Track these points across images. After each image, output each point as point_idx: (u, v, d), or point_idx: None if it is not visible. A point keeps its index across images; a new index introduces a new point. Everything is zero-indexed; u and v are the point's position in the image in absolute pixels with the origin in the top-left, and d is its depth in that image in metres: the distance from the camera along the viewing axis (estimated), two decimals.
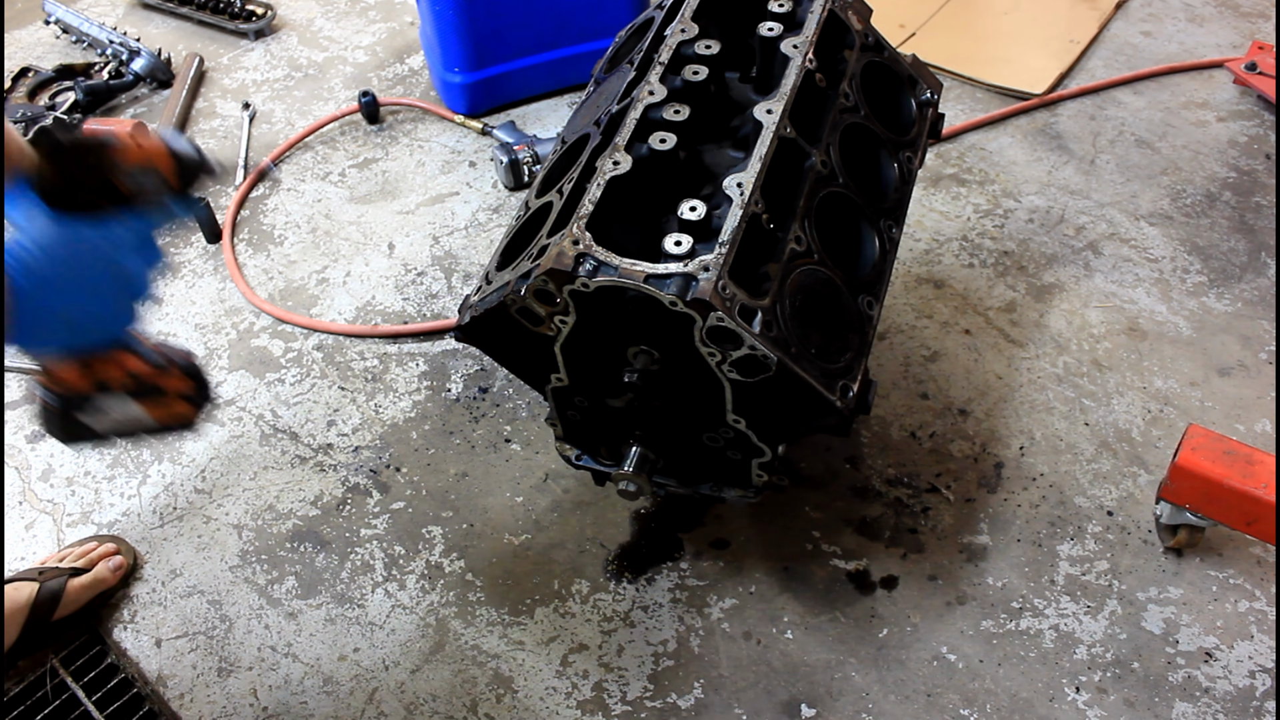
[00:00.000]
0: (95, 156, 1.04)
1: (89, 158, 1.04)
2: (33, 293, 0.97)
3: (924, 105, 1.73)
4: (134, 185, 1.06)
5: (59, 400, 1.10)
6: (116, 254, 1.03)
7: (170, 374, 1.15)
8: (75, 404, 1.10)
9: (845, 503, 1.81)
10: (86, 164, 1.03)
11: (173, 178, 1.09)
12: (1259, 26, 2.82)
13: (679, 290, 1.24)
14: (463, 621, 1.68)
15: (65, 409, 1.10)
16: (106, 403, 1.12)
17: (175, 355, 1.17)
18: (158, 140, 1.08)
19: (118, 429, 1.15)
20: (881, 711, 1.55)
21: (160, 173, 1.07)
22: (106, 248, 1.03)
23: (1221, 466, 1.55)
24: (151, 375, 1.13)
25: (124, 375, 1.11)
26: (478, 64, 2.59)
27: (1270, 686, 1.56)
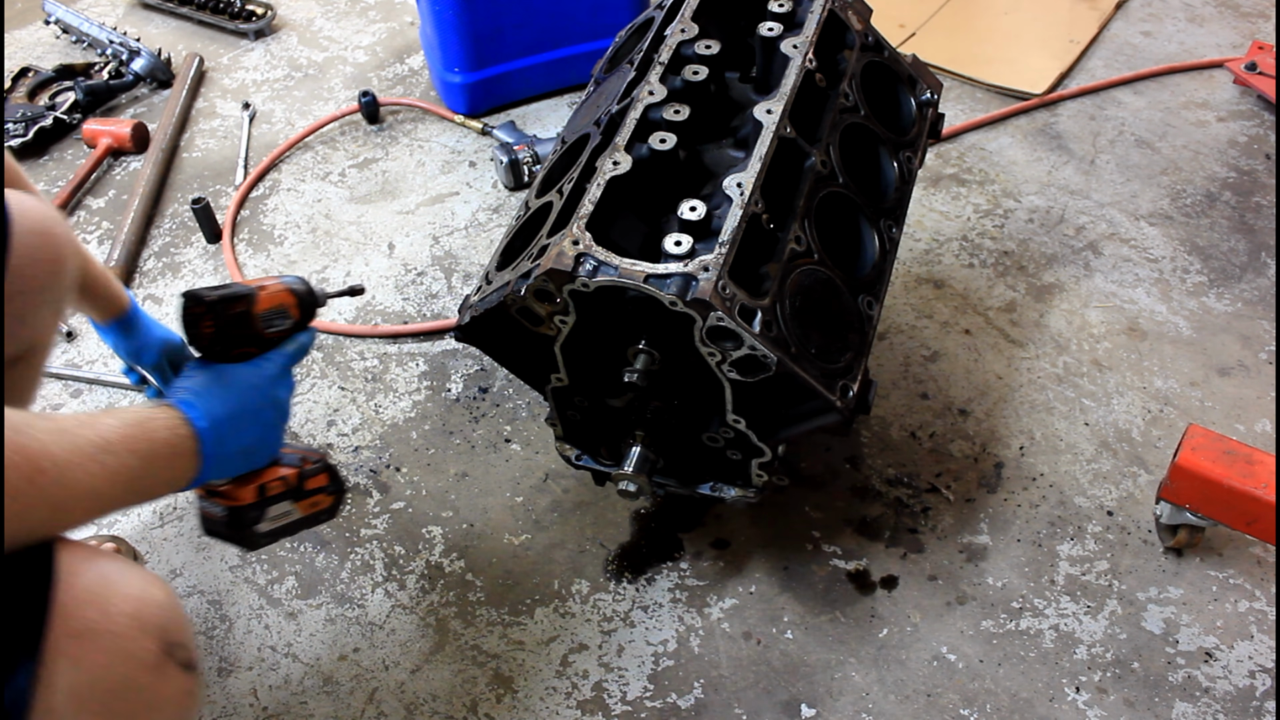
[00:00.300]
0: (238, 309, 1.23)
1: (234, 310, 1.22)
2: (218, 437, 1.14)
3: (924, 105, 1.73)
4: (269, 328, 1.25)
5: (232, 514, 1.26)
6: (272, 389, 1.24)
7: (315, 475, 1.32)
8: (245, 515, 1.27)
9: (845, 503, 1.81)
10: (233, 317, 1.22)
11: (295, 311, 1.28)
12: (1259, 26, 2.82)
13: (679, 290, 1.24)
14: (463, 621, 1.68)
15: (238, 521, 1.26)
16: (270, 510, 1.29)
17: (312, 456, 1.33)
18: (279, 283, 1.27)
19: (278, 530, 1.31)
20: (881, 711, 1.55)
21: (288, 310, 1.27)
22: (265, 386, 1.23)
23: (1221, 466, 1.55)
24: (299, 479, 1.30)
25: (280, 484, 1.28)
26: (478, 64, 2.59)
27: (1270, 686, 1.56)
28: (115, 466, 1.02)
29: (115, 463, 1.02)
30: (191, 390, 1.17)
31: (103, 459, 1.00)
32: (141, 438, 1.06)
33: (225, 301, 1.21)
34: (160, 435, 1.08)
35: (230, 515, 1.26)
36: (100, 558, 1.05)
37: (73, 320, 2.21)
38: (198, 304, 1.20)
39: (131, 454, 1.04)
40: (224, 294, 1.21)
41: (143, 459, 1.05)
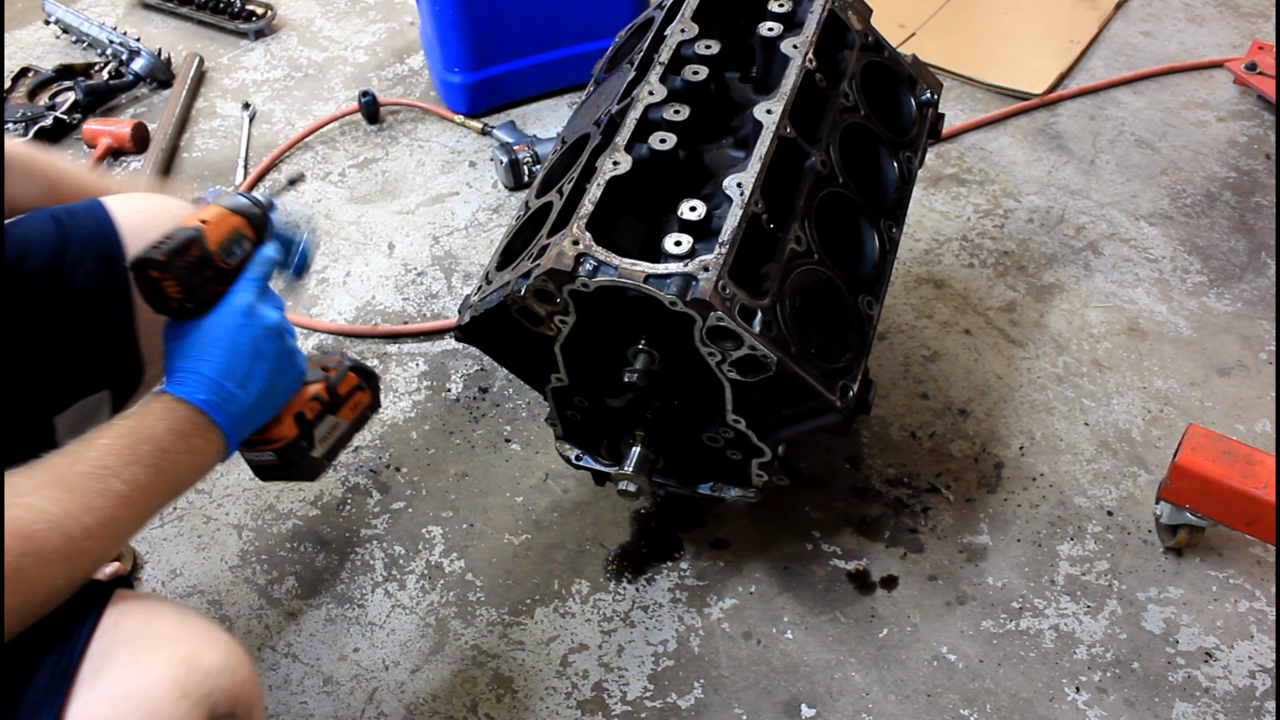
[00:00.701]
0: (193, 254, 1.11)
1: (190, 258, 1.11)
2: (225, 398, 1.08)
3: (924, 105, 1.73)
4: (230, 258, 1.15)
5: (282, 454, 1.20)
6: (257, 319, 1.13)
7: (342, 379, 1.25)
8: (296, 449, 1.20)
9: (845, 503, 1.81)
10: (192, 264, 1.11)
11: (249, 231, 1.18)
12: (1259, 26, 2.82)
13: (679, 290, 1.24)
14: (463, 621, 1.68)
15: (292, 458, 1.20)
16: (317, 432, 1.22)
17: (331, 361, 1.26)
18: (219, 209, 1.17)
19: (334, 447, 1.25)
20: (881, 711, 1.55)
21: (241, 232, 1.17)
22: (246, 320, 1.12)
23: (1221, 466, 1.55)
24: (329, 391, 1.23)
25: (314, 403, 1.21)
26: (478, 64, 2.59)
27: (1270, 686, 1.56)
28: (121, 488, 0.98)
29: (120, 485, 0.98)
30: (175, 365, 1.09)
31: (105, 487, 0.97)
32: (141, 443, 1.02)
33: (178, 253, 1.09)
34: (159, 430, 1.03)
35: (281, 456, 1.20)
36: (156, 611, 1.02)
37: None
38: (152, 267, 1.09)
39: (136, 465, 1.00)
40: (172, 246, 1.09)
41: (151, 465, 1.01)
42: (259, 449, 1.19)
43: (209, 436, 1.07)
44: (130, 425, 1.03)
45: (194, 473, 1.07)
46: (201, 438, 1.07)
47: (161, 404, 1.06)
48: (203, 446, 1.07)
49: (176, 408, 1.06)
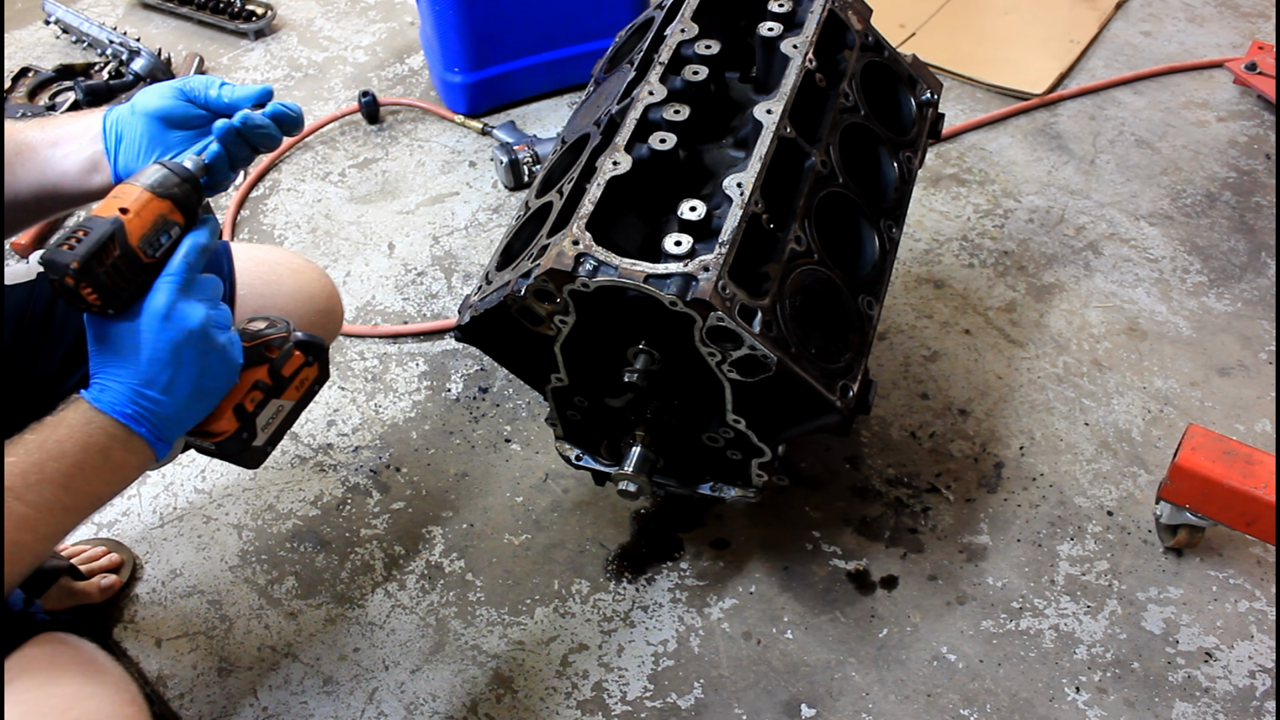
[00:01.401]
0: (112, 254, 0.99)
1: (109, 259, 0.99)
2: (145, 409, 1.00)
3: (924, 105, 1.73)
4: (158, 250, 1.03)
5: (224, 446, 1.12)
6: (177, 321, 1.02)
7: (287, 360, 1.15)
8: (236, 441, 1.12)
9: (845, 503, 1.81)
10: (111, 268, 0.99)
11: (178, 215, 1.05)
12: (1259, 26, 2.82)
13: (679, 290, 1.24)
14: (463, 621, 1.68)
15: (232, 450, 1.12)
16: (259, 420, 1.14)
17: (273, 338, 1.16)
18: (141, 191, 1.03)
19: (278, 431, 1.17)
20: (881, 711, 1.55)
21: (168, 219, 1.04)
22: (165, 323, 1.01)
23: (1221, 466, 1.55)
24: (272, 374, 1.14)
25: (255, 393, 1.12)
26: (478, 64, 2.58)
27: (1270, 686, 1.56)
28: (24, 511, 0.93)
29: (23, 508, 0.93)
30: (94, 369, 1.01)
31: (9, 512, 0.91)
32: (50, 459, 0.95)
33: (95, 257, 0.97)
34: (71, 446, 0.96)
35: (221, 449, 1.12)
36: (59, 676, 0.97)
37: None
38: (65, 274, 0.96)
39: (43, 484, 0.94)
40: (88, 249, 0.97)
41: (61, 484, 0.95)
42: (198, 438, 1.12)
43: (131, 447, 1.00)
44: (40, 440, 0.96)
45: (114, 485, 1.02)
46: (122, 449, 1.00)
47: (78, 414, 0.99)
48: (123, 459, 1.00)
49: (94, 419, 0.98)
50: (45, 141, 1.16)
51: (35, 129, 1.17)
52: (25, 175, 1.16)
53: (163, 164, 1.05)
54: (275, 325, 1.17)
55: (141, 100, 1.14)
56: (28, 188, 1.16)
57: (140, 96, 1.15)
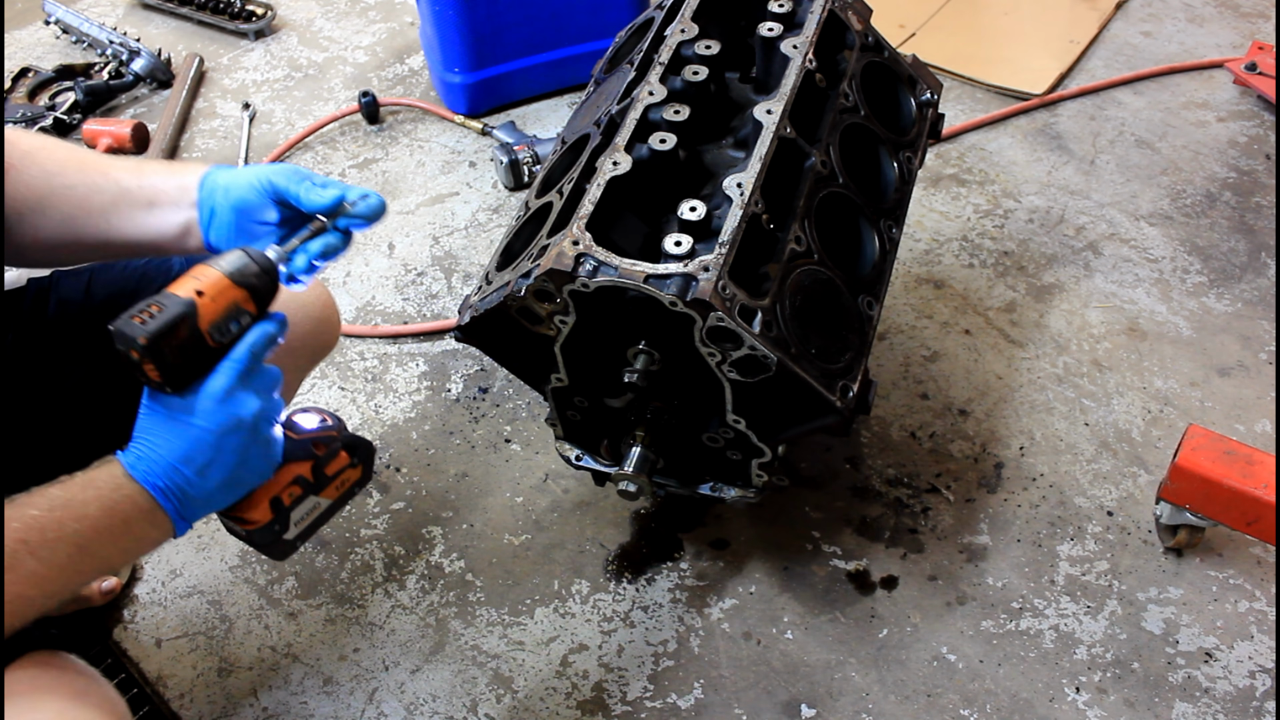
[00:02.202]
0: (181, 335, 0.99)
1: (178, 340, 0.99)
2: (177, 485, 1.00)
3: (924, 105, 1.73)
4: (224, 337, 1.03)
5: (254, 534, 1.12)
6: (232, 409, 1.02)
7: (332, 459, 1.16)
8: (267, 532, 1.12)
9: (845, 503, 1.81)
10: (177, 348, 0.99)
11: (251, 304, 1.05)
12: (1259, 26, 2.82)
13: (679, 290, 1.24)
14: (463, 621, 1.68)
15: (261, 539, 1.12)
16: (293, 515, 1.13)
17: (323, 437, 1.16)
18: (219, 276, 1.02)
19: (309, 529, 1.17)
20: (881, 711, 1.55)
21: (240, 307, 1.03)
22: (220, 410, 1.02)
23: (1221, 466, 1.55)
24: (314, 472, 1.14)
25: (295, 487, 1.12)
26: (478, 64, 2.59)
27: (1270, 686, 1.56)
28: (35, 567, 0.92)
29: (35, 564, 0.92)
30: (136, 434, 1.01)
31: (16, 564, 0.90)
32: (72, 519, 0.94)
33: (164, 335, 0.97)
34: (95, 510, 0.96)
35: (250, 538, 1.12)
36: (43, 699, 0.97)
37: None
38: (132, 347, 0.97)
39: (61, 543, 0.93)
40: (159, 326, 0.97)
41: (77, 545, 0.95)
42: (231, 520, 1.12)
43: (154, 521, 1.00)
44: (67, 497, 0.96)
45: (128, 555, 1.01)
46: (145, 522, 1.00)
47: (110, 476, 0.98)
48: (143, 532, 1.00)
49: (124, 486, 0.98)
50: (143, 199, 1.19)
51: (131, 174, 1.20)
52: (121, 226, 1.19)
53: (246, 251, 1.05)
54: (326, 421, 1.18)
55: (232, 188, 1.17)
56: (122, 237, 1.20)
57: (234, 182, 1.17)
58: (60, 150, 1.20)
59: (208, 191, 1.18)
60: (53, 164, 1.18)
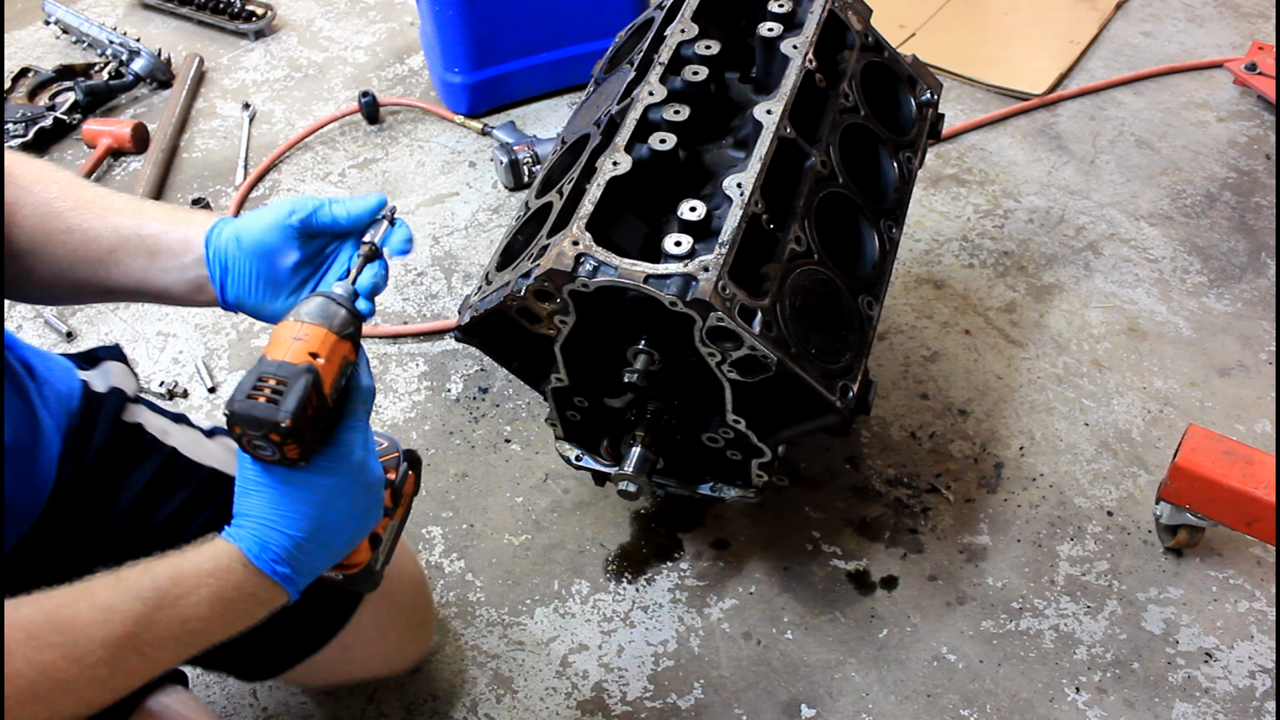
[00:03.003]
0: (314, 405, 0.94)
1: (311, 411, 0.94)
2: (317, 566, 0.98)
3: (924, 105, 1.73)
4: (338, 394, 0.98)
5: (355, 577, 1.11)
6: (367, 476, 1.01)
7: (403, 481, 1.17)
8: (369, 571, 1.12)
9: (845, 503, 1.81)
10: (311, 419, 0.94)
11: (353, 354, 1.01)
12: (1259, 26, 2.82)
13: (679, 290, 1.24)
14: (463, 621, 1.68)
15: (363, 577, 1.11)
16: (381, 545, 1.14)
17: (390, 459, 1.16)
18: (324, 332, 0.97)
19: (390, 551, 1.17)
20: (881, 712, 1.55)
21: (348, 359, 0.99)
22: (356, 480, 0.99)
23: (1221, 466, 1.55)
24: (394, 498, 1.16)
25: (384, 519, 1.12)
26: (478, 64, 2.59)
27: (1270, 687, 1.56)
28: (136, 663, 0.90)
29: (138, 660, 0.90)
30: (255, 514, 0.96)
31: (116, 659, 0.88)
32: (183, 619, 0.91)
33: (302, 411, 0.92)
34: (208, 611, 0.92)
35: (351, 580, 1.10)
36: None
37: (72, 319, 2.21)
38: (272, 430, 0.91)
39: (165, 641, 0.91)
40: (297, 403, 0.91)
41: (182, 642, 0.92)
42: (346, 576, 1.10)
43: (269, 601, 0.97)
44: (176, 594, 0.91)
45: (231, 635, 0.97)
46: (259, 605, 0.96)
47: (224, 568, 0.93)
48: (254, 613, 0.96)
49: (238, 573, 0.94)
50: (142, 248, 1.13)
51: (130, 219, 1.13)
52: (120, 275, 1.14)
53: (331, 299, 0.99)
54: (382, 444, 1.17)
55: (248, 234, 1.11)
56: (122, 285, 1.15)
57: (245, 229, 1.11)
58: (55, 185, 1.13)
59: (218, 247, 1.12)
60: (49, 204, 1.12)
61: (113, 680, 0.90)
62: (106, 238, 1.12)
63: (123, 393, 1.28)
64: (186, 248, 1.13)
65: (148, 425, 1.29)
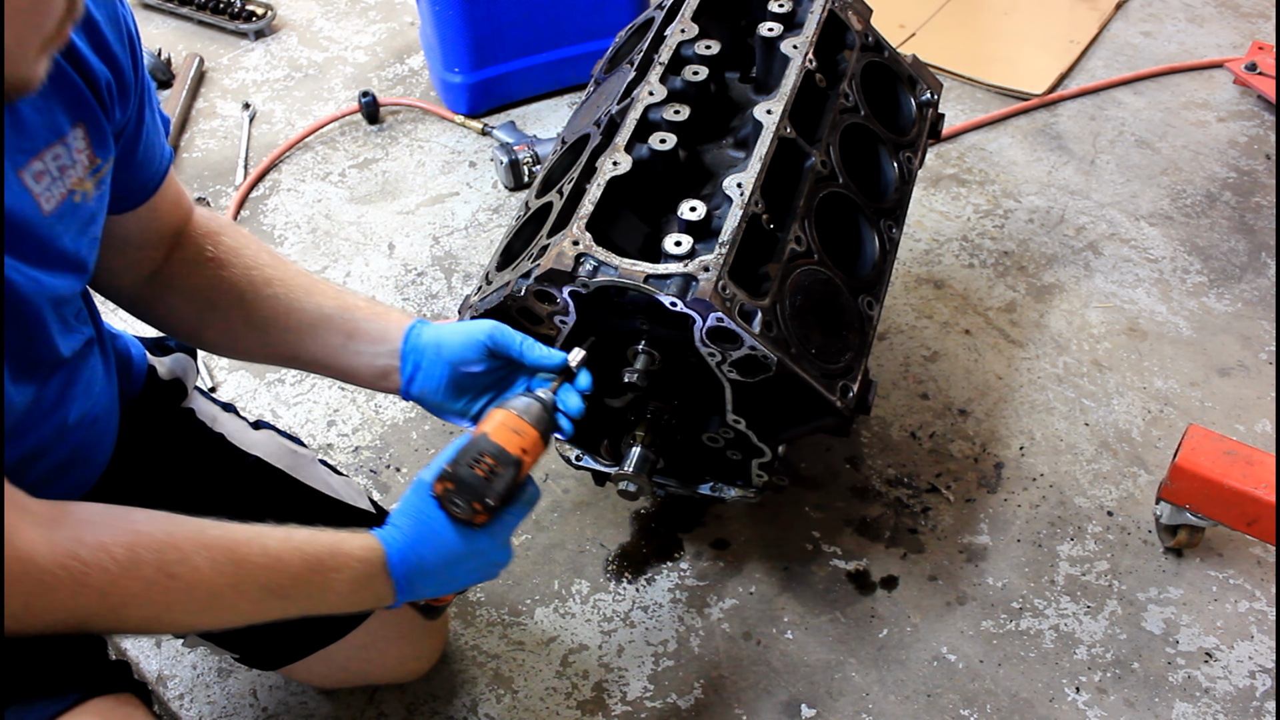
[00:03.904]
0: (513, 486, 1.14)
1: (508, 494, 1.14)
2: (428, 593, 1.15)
3: (924, 105, 1.73)
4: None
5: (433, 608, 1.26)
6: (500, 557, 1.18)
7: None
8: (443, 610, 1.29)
9: (845, 503, 1.81)
10: (505, 497, 1.14)
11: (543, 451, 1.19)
12: (1259, 26, 2.82)
13: (679, 290, 1.24)
14: (463, 621, 1.68)
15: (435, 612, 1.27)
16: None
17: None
18: (536, 437, 1.16)
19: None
20: (881, 712, 1.55)
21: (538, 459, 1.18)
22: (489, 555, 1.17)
23: (1221, 466, 1.55)
24: None
25: None
26: (478, 64, 2.59)
27: (1270, 687, 1.56)
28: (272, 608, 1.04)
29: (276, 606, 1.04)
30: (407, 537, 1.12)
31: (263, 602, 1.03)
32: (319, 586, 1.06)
33: (503, 494, 1.13)
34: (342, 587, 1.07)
35: (425, 609, 1.26)
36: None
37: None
38: (478, 500, 1.12)
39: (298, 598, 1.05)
40: (505, 487, 1.13)
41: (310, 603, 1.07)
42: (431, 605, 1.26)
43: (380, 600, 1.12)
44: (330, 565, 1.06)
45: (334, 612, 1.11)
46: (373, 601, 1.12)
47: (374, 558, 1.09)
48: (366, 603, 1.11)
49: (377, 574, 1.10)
50: (342, 330, 1.27)
51: (332, 301, 1.28)
52: (313, 349, 1.28)
53: (544, 407, 1.19)
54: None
55: (450, 346, 1.26)
56: (312, 357, 1.29)
57: (447, 340, 1.26)
58: (264, 254, 1.28)
59: (414, 347, 1.27)
60: (258, 269, 1.26)
61: (250, 614, 1.04)
62: (310, 313, 1.26)
63: (183, 384, 1.40)
64: (384, 338, 1.28)
65: (199, 411, 1.40)
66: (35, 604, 0.89)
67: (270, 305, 1.25)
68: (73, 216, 0.99)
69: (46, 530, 0.90)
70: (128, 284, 1.25)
